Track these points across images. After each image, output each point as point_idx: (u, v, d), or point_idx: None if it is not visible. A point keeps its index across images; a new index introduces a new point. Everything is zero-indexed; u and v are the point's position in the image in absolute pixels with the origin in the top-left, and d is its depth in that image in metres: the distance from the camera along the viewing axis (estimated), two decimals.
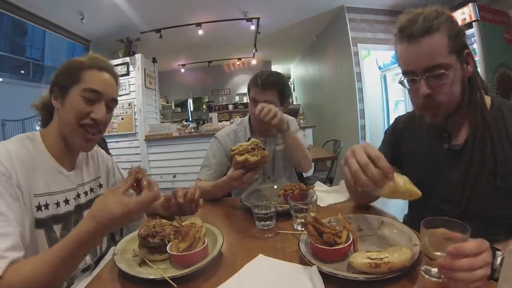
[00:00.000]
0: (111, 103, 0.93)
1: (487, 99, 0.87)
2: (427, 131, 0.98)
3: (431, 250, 0.59)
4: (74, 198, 0.92)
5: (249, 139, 1.50)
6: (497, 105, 0.86)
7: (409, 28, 0.80)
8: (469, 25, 3.38)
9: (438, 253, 0.58)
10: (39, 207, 0.80)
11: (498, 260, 0.59)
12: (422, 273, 0.61)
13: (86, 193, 0.98)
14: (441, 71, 0.78)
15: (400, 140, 1.06)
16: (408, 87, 0.87)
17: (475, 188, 0.82)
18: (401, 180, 0.71)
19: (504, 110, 0.84)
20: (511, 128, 0.81)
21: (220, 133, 1.61)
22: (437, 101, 0.82)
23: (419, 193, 0.71)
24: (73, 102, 0.85)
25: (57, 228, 0.85)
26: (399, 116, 1.13)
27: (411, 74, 0.83)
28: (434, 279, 0.60)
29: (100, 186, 1.06)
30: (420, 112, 0.91)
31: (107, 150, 2.94)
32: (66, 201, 0.89)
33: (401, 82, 0.88)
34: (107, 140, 4.46)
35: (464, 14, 3.43)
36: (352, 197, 1.12)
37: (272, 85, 1.43)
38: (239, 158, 1.05)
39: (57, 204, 0.86)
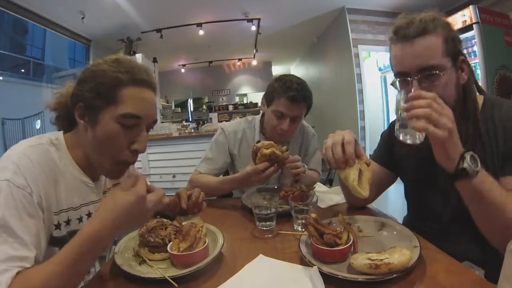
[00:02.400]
0: (151, 125, 0.79)
1: (480, 99, 0.88)
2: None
3: (401, 105, 0.69)
4: (91, 213, 0.83)
5: (257, 142, 1.47)
6: (489, 104, 0.86)
7: (405, 29, 0.79)
8: (469, 27, 3.39)
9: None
10: (57, 226, 0.73)
11: (468, 157, 0.65)
12: (400, 138, 0.72)
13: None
14: (435, 71, 0.77)
15: (395, 143, 1.07)
16: (399, 89, 0.86)
17: None
18: (354, 174, 0.79)
19: (495, 108, 0.84)
20: (499, 127, 0.81)
21: (228, 127, 1.51)
22: None
23: (363, 194, 0.78)
24: (109, 131, 0.71)
25: None
26: (395, 120, 1.13)
27: (403, 75, 0.83)
28: (408, 137, 0.71)
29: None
30: None
31: None
32: (89, 215, 0.81)
33: (392, 84, 0.88)
34: None
35: (464, 16, 3.44)
36: (344, 197, 1.12)
37: (305, 100, 1.31)
38: (266, 151, 1.05)
39: (80, 219, 0.79)
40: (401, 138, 0.71)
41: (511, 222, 0.66)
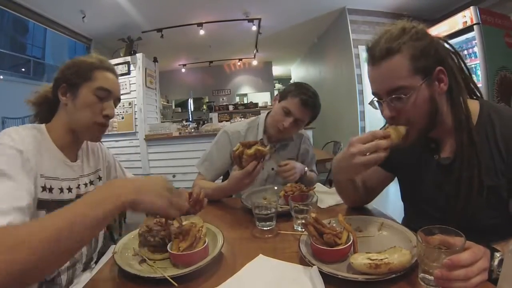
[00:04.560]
0: (116, 101, 1.01)
1: (475, 105, 0.85)
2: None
3: (427, 261, 0.58)
4: (76, 188, 0.96)
5: (260, 140, 1.48)
6: (487, 113, 0.83)
7: (373, 49, 0.80)
8: (470, 28, 3.39)
9: (435, 264, 0.57)
10: (44, 188, 0.83)
11: (496, 261, 0.59)
12: (420, 281, 0.61)
13: (86, 184, 1.01)
14: (401, 95, 0.77)
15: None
16: (378, 108, 0.88)
17: (466, 202, 0.80)
18: (395, 133, 0.80)
19: (493, 117, 0.81)
20: (500, 138, 0.79)
21: (230, 128, 1.54)
22: (402, 123, 0.82)
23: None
24: (87, 100, 0.92)
25: None
26: None
27: (377, 96, 0.84)
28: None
29: (100, 178, 1.10)
30: None
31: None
32: (69, 189, 0.93)
33: (371, 103, 0.89)
34: (107, 139, 4.47)
35: (465, 17, 3.44)
36: (342, 199, 1.12)
37: (313, 108, 1.42)
38: (250, 151, 1.05)
39: (61, 190, 0.89)
40: (423, 285, 0.61)
41: None
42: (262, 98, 8.96)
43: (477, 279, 0.55)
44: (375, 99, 0.86)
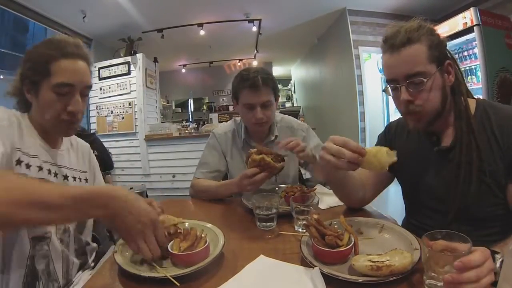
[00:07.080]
0: (85, 90, 0.91)
1: (472, 103, 0.91)
2: (418, 134, 1.01)
3: (435, 267, 0.57)
4: (63, 177, 0.93)
5: (243, 140, 1.48)
6: (482, 107, 0.90)
7: (392, 39, 0.85)
8: (470, 29, 3.39)
9: (443, 270, 0.56)
10: (19, 162, 0.80)
11: (498, 263, 0.59)
12: (426, 287, 0.60)
13: (74, 178, 0.98)
14: (420, 78, 0.83)
15: (392, 144, 1.09)
16: (391, 95, 0.92)
17: (466, 187, 0.84)
18: (372, 154, 0.79)
19: (489, 111, 0.88)
20: (496, 128, 0.85)
21: (218, 130, 1.56)
22: (417, 107, 0.87)
23: (391, 160, 0.80)
24: (47, 99, 0.85)
25: None
26: (390, 122, 1.17)
27: (393, 82, 0.89)
28: None
29: (86, 180, 1.06)
30: (404, 117, 0.95)
31: (102, 147, 2.89)
32: (50, 172, 0.89)
33: (384, 90, 0.94)
34: (107, 139, 4.47)
35: (465, 18, 3.44)
36: (341, 199, 1.12)
37: (266, 83, 1.30)
38: (256, 157, 1.05)
39: (40, 168, 0.85)
40: None
41: None
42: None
43: (487, 279, 0.55)
44: (389, 86, 0.90)
